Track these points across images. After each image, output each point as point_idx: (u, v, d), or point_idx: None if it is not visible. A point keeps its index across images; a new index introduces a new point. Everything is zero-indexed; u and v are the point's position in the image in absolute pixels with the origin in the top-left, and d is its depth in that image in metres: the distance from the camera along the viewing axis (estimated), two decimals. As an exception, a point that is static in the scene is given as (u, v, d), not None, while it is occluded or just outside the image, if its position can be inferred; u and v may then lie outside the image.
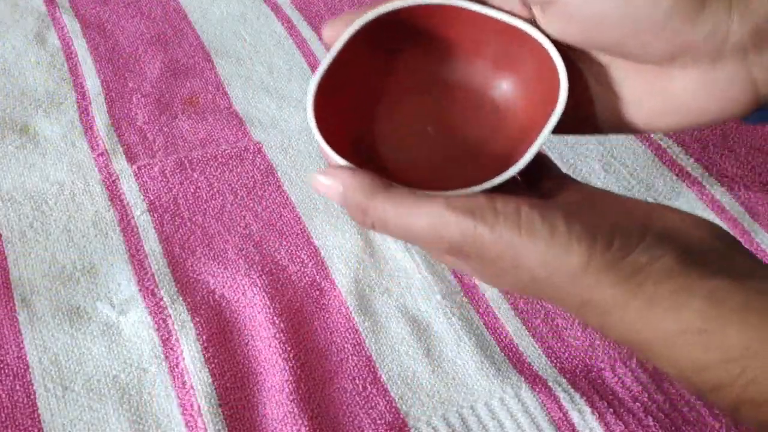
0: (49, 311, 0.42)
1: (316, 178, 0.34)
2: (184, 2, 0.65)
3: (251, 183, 0.49)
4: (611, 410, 0.38)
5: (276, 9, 0.64)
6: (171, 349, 0.40)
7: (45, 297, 0.42)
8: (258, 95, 0.56)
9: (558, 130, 0.35)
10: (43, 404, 0.38)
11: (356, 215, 0.33)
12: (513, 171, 0.33)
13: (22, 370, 0.39)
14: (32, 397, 0.38)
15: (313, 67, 0.58)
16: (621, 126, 0.37)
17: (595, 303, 0.30)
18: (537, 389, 0.39)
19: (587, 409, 0.38)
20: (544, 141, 0.33)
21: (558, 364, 0.41)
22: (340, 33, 0.35)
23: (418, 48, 0.38)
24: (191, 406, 0.38)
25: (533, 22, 0.36)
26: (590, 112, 0.37)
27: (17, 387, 0.39)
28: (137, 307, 0.42)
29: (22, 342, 0.40)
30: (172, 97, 0.56)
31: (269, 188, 0.49)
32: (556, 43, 0.35)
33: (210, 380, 0.39)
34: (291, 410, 0.38)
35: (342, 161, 0.33)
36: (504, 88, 0.38)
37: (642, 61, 0.34)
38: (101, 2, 0.64)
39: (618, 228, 0.30)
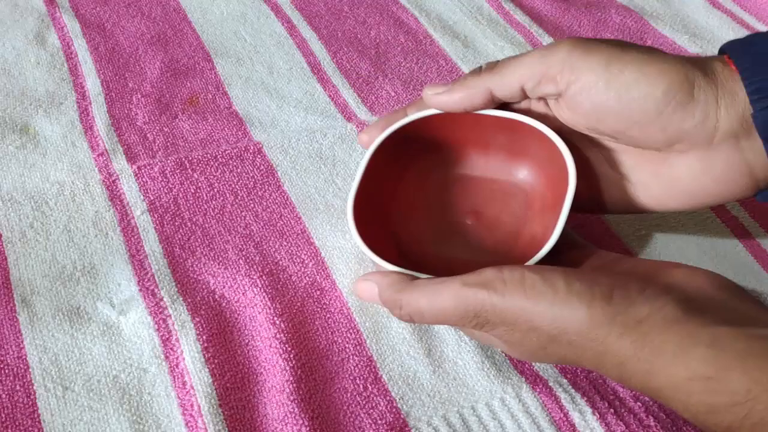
0: (49, 311, 0.42)
1: (356, 286, 0.39)
2: (184, 2, 0.65)
3: (251, 183, 0.49)
4: (612, 410, 0.38)
5: (276, 9, 0.64)
6: (171, 349, 0.40)
7: (45, 297, 0.42)
8: (258, 95, 0.56)
9: (573, 210, 0.38)
10: (43, 404, 0.38)
11: (394, 310, 0.37)
12: (539, 256, 0.36)
13: (22, 370, 0.39)
14: (32, 397, 0.38)
15: (313, 67, 0.58)
16: (630, 206, 0.40)
17: (610, 356, 0.32)
18: (538, 389, 0.39)
19: (588, 410, 0.38)
20: (565, 222, 0.37)
21: (558, 365, 0.40)
22: (374, 138, 0.41)
23: (442, 150, 0.42)
24: (191, 406, 0.38)
25: (541, 115, 0.39)
26: (599, 192, 0.40)
27: (17, 387, 0.38)
28: (137, 307, 0.42)
29: (22, 342, 0.40)
30: (172, 97, 0.56)
31: (269, 188, 0.49)
32: (566, 131, 0.38)
33: (210, 380, 0.39)
34: (291, 410, 0.38)
35: (378, 259, 0.38)
36: (523, 174, 0.42)
37: (644, 147, 0.37)
38: (101, 2, 0.64)
39: (617, 282, 0.33)
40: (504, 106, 0.40)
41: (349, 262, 0.45)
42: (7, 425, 0.37)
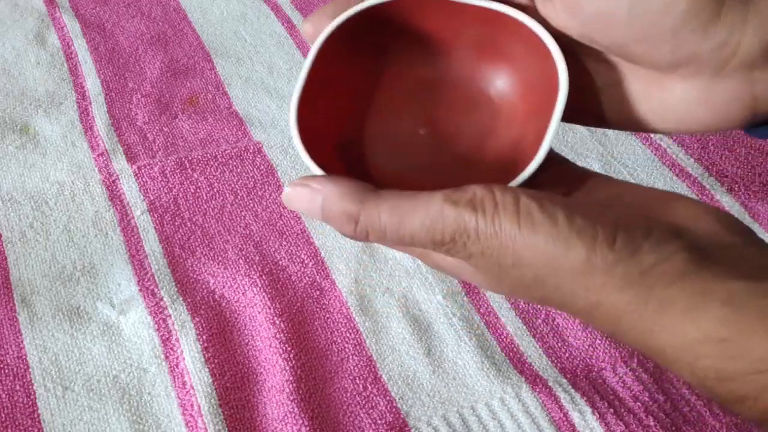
0: (49, 311, 0.42)
1: (287, 193, 0.31)
2: (184, 2, 0.65)
3: (251, 183, 0.49)
4: (612, 410, 0.38)
5: (276, 9, 0.64)
6: (171, 349, 0.40)
7: (45, 297, 0.42)
8: (258, 95, 0.56)
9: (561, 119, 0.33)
10: (43, 404, 0.38)
11: (345, 226, 0.31)
12: (525, 175, 0.30)
13: (22, 370, 0.39)
14: (32, 397, 0.38)
15: (313, 67, 0.58)
16: (622, 122, 0.35)
17: (605, 308, 0.29)
18: (538, 389, 0.39)
19: (588, 409, 0.38)
20: (553, 138, 0.31)
21: (559, 364, 0.40)
22: (320, 29, 0.33)
23: (403, 45, 0.36)
24: (191, 406, 0.38)
25: (531, 10, 0.33)
26: (593, 103, 0.35)
27: (17, 387, 0.39)
28: (137, 307, 0.42)
29: (22, 342, 0.40)
30: (172, 97, 0.56)
31: (269, 188, 0.49)
32: (555, 35, 0.33)
33: (210, 380, 0.39)
34: (291, 410, 0.38)
35: (320, 171, 0.31)
36: (498, 82, 0.36)
37: (642, 65, 0.33)
38: (101, 2, 0.64)
39: (621, 222, 0.29)
40: None
41: (349, 262, 0.45)
42: (7, 425, 0.37)
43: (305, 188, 0.31)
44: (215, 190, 0.49)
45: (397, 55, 0.36)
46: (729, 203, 0.49)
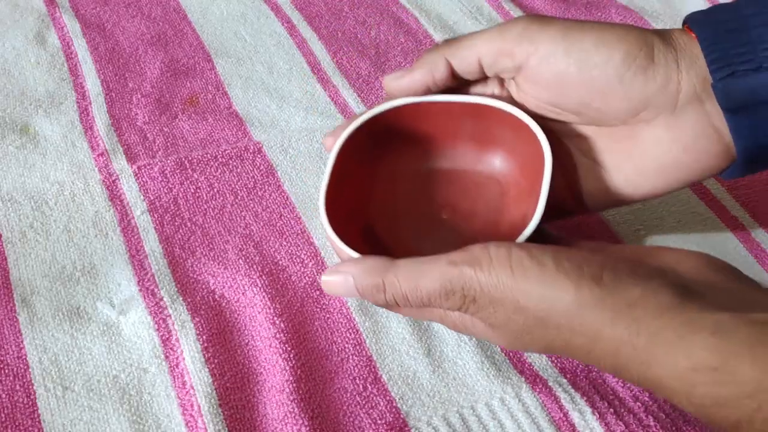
0: (49, 311, 0.42)
1: (324, 281, 0.36)
2: (184, 2, 0.65)
3: (251, 183, 0.49)
4: (612, 410, 0.38)
5: (276, 9, 0.64)
6: (171, 349, 0.40)
7: (45, 297, 0.42)
8: (258, 95, 0.56)
9: (552, 213, 0.37)
10: (43, 404, 0.38)
11: (375, 297, 0.35)
12: (522, 237, 0.35)
13: (22, 370, 0.39)
14: (32, 397, 0.38)
15: (314, 67, 0.58)
16: (607, 194, 0.38)
17: (603, 343, 0.30)
18: (538, 389, 0.39)
19: (588, 410, 0.38)
20: (545, 201, 0.35)
21: (559, 364, 0.41)
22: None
23: (411, 143, 0.41)
24: (191, 406, 0.38)
25: (507, 98, 0.38)
26: (575, 181, 0.38)
27: (17, 387, 0.39)
28: (137, 307, 0.42)
29: (22, 342, 0.40)
30: (172, 97, 0.56)
31: (269, 188, 0.49)
32: (537, 118, 0.37)
33: (210, 380, 0.39)
34: (291, 410, 0.38)
35: (353, 252, 0.36)
36: (499, 164, 0.41)
37: (610, 121, 0.36)
38: (101, 2, 0.64)
39: (607, 263, 0.31)
40: (465, 88, 0.39)
41: (349, 262, 0.45)
42: (7, 425, 0.37)
43: (337, 275, 0.35)
44: (215, 190, 0.49)
45: (407, 152, 0.41)
46: (729, 203, 0.49)
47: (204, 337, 0.40)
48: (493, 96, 0.39)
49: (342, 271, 0.35)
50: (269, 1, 0.65)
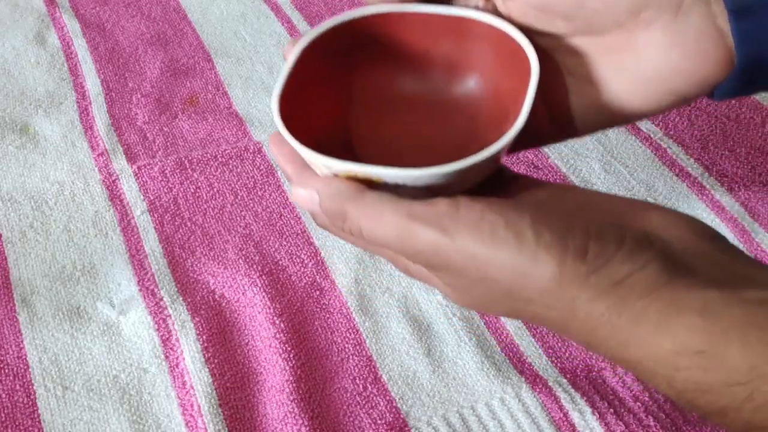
0: (49, 311, 0.42)
1: (294, 191, 0.32)
2: (184, 2, 0.65)
3: (251, 183, 0.49)
4: (612, 410, 0.38)
5: (276, 9, 0.64)
6: (171, 349, 0.40)
7: (45, 297, 0.42)
8: (258, 95, 0.56)
9: (542, 136, 0.34)
10: (43, 404, 0.38)
11: (334, 223, 0.31)
12: (493, 149, 0.30)
13: (22, 370, 0.39)
14: (32, 397, 0.38)
15: (313, 67, 0.58)
16: (597, 113, 0.35)
17: (579, 320, 0.28)
18: (537, 389, 0.39)
19: (588, 410, 0.38)
20: (525, 119, 0.31)
21: (559, 364, 0.41)
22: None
23: (381, 57, 0.37)
24: (191, 406, 0.38)
25: (492, 10, 0.35)
26: (561, 104, 0.35)
27: (17, 387, 0.39)
28: (137, 307, 0.42)
29: (22, 342, 0.40)
30: (172, 97, 0.56)
31: (269, 188, 0.49)
32: (524, 31, 0.34)
33: (210, 380, 0.39)
34: (291, 410, 0.38)
35: (318, 156, 0.31)
36: (474, 86, 0.37)
37: (607, 23, 0.33)
38: (101, 2, 0.64)
39: (593, 232, 0.28)
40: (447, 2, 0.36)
41: (349, 262, 0.45)
42: (7, 425, 0.37)
43: (306, 188, 0.31)
44: (215, 190, 0.49)
45: (377, 66, 0.37)
46: (729, 203, 0.49)
47: (204, 337, 0.40)
48: (477, 9, 0.35)
49: (311, 186, 0.31)
50: (269, 1, 0.65)
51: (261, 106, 0.55)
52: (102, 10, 0.63)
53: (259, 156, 0.51)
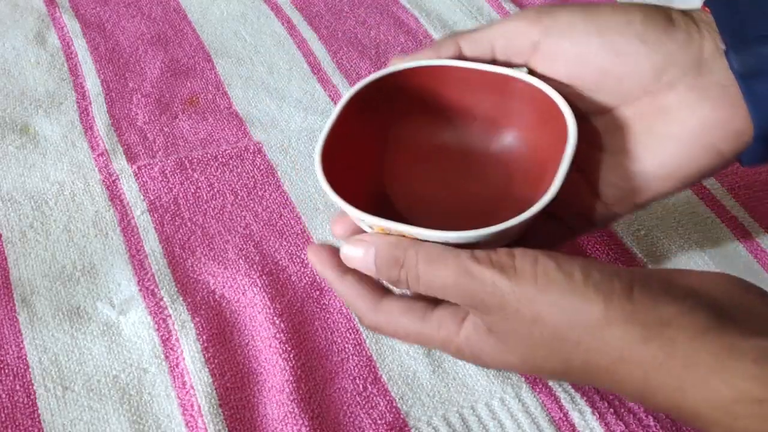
0: (49, 311, 0.42)
1: (345, 250, 0.34)
2: (184, 2, 0.65)
3: (251, 183, 0.49)
4: (612, 410, 0.38)
5: (276, 9, 0.64)
6: (171, 349, 0.40)
7: (45, 297, 0.42)
8: (258, 95, 0.56)
9: (591, 215, 0.35)
10: (43, 404, 0.38)
11: (389, 271, 0.33)
12: (530, 212, 0.32)
13: (22, 370, 0.39)
14: (32, 397, 0.38)
15: (313, 67, 0.58)
16: (633, 186, 0.35)
17: (630, 365, 0.28)
18: (537, 389, 0.39)
19: (588, 410, 0.38)
20: (562, 182, 0.32)
21: (558, 364, 0.41)
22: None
23: (420, 111, 0.38)
24: (191, 406, 0.38)
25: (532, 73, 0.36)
26: (607, 178, 0.36)
27: (17, 387, 0.39)
28: (137, 307, 0.42)
29: (22, 342, 0.40)
30: (172, 97, 0.56)
31: (269, 188, 0.49)
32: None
33: (210, 380, 0.39)
34: (291, 410, 0.38)
35: (363, 214, 0.33)
36: (511, 144, 0.38)
37: (633, 90, 0.34)
38: (101, 2, 0.64)
39: (637, 278, 0.29)
40: None
41: (349, 262, 0.45)
42: (7, 425, 0.37)
43: (361, 245, 0.33)
44: (215, 190, 0.49)
45: (417, 119, 0.38)
46: (729, 204, 0.49)
47: (204, 337, 0.40)
48: (507, 65, 0.37)
49: (367, 241, 0.33)
50: (269, 1, 0.65)
51: (261, 106, 0.55)
52: (102, 10, 0.63)
53: (259, 156, 0.51)
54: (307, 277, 0.44)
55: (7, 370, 0.39)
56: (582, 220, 0.37)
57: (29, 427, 0.37)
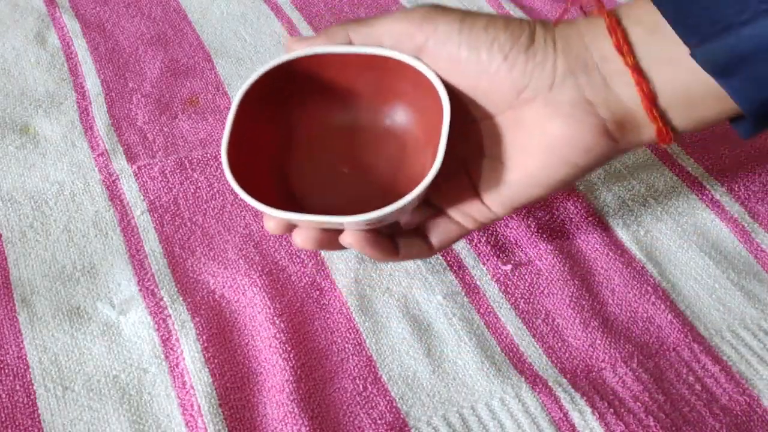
0: (49, 311, 0.42)
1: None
2: (184, 2, 0.65)
3: (251, 183, 0.49)
4: (612, 410, 0.38)
5: (276, 9, 0.64)
6: (171, 349, 0.40)
7: (45, 297, 0.42)
8: (258, 95, 0.56)
9: (474, 212, 0.39)
10: (43, 404, 0.38)
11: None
12: (422, 186, 0.35)
13: (22, 370, 0.39)
14: (32, 397, 0.38)
15: (313, 67, 0.59)
16: (505, 190, 0.39)
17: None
18: (537, 389, 0.39)
19: (588, 409, 0.38)
20: (444, 150, 0.36)
21: (558, 364, 0.41)
22: None
23: (314, 96, 0.41)
24: (191, 406, 0.38)
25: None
26: (487, 181, 0.39)
27: (17, 387, 0.39)
28: (137, 307, 0.42)
29: (22, 342, 0.40)
30: (172, 97, 0.56)
31: (269, 188, 0.49)
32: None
33: (210, 380, 0.39)
34: (291, 410, 0.38)
35: (270, 209, 0.36)
36: (399, 118, 0.41)
37: (499, 104, 0.38)
38: (101, 2, 0.64)
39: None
40: None
41: (349, 262, 0.45)
42: (7, 425, 0.37)
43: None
44: (215, 190, 0.49)
45: (308, 104, 0.41)
46: (729, 203, 0.49)
47: (204, 337, 0.40)
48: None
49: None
50: (269, 1, 0.65)
51: (261, 106, 0.55)
52: (102, 10, 0.63)
53: (259, 156, 0.51)
54: (307, 277, 0.44)
55: (7, 370, 0.39)
56: (468, 218, 0.40)
57: (29, 427, 0.37)
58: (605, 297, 0.44)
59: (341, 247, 0.39)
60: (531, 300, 0.43)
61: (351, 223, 0.36)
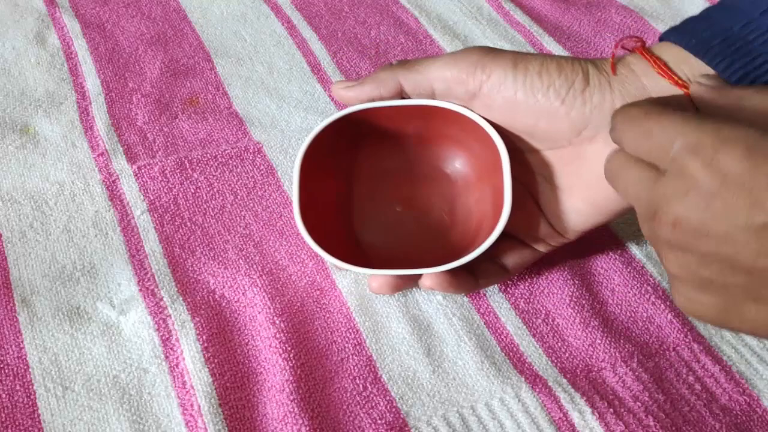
0: (49, 311, 0.42)
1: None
2: (184, 2, 0.65)
3: (251, 183, 0.49)
4: (612, 410, 0.38)
5: (276, 9, 0.64)
6: (171, 349, 0.40)
7: (45, 297, 0.42)
8: (258, 95, 0.56)
9: (539, 238, 0.41)
10: (43, 404, 0.38)
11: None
12: (482, 248, 0.38)
13: (22, 370, 0.39)
14: (32, 397, 0.38)
15: (313, 67, 0.59)
16: (569, 218, 0.40)
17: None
18: (537, 389, 0.39)
19: (587, 409, 0.38)
20: (510, 204, 0.38)
21: (558, 364, 0.41)
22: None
23: (369, 145, 0.43)
24: (191, 406, 0.38)
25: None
26: (549, 205, 0.41)
27: (17, 387, 0.39)
28: (137, 307, 0.42)
29: (22, 342, 0.40)
30: (172, 97, 0.56)
31: (269, 188, 0.49)
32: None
33: (210, 380, 0.39)
34: (291, 410, 0.38)
35: (347, 265, 0.39)
36: (449, 160, 0.44)
37: (556, 142, 0.39)
38: (101, 2, 0.64)
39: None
40: None
41: (349, 262, 0.45)
42: (7, 425, 0.37)
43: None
44: (215, 190, 0.49)
45: (364, 151, 0.44)
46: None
47: (204, 337, 0.40)
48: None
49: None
50: (269, 1, 0.65)
51: (261, 106, 0.55)
52: (102, 10, 0.63)
53: (259, 156, 0.51)
54: (307, 277, 0.44)
55: (7, 370, 0.39)
56: (541, 243, 0.42)
57: (29, 427, 0.37)
58: (605, 297, 0.44)
59: (415, 286, 0.41)
60: (531, 300, 0.43)
61: (433, 271, 0.39)
